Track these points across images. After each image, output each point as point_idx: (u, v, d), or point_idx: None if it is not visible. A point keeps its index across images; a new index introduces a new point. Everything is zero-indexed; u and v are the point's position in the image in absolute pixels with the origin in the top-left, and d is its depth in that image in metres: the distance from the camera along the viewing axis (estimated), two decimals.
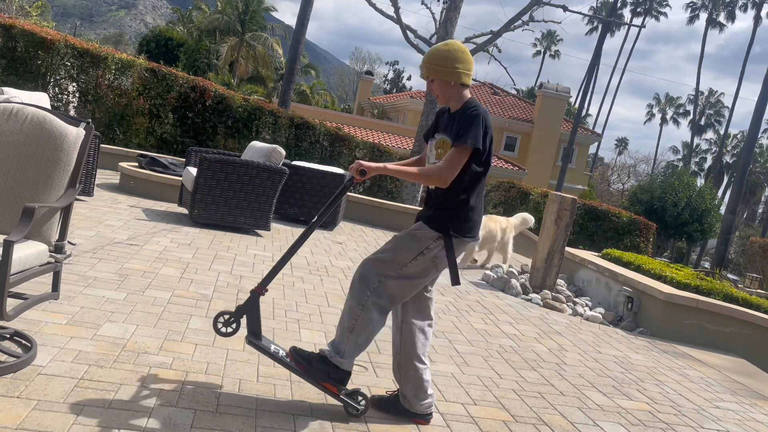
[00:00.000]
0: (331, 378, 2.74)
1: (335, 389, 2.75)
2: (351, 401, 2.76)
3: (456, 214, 2.75)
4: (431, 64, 2.78)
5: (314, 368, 2.75)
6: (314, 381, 2.75)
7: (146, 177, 8.05)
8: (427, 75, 2.81)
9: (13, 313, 2.49)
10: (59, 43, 10.07)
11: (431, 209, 2.80)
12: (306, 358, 2.77)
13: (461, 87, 2.81)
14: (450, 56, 2.77)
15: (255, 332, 2.78)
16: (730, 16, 56.36)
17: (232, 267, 5.12)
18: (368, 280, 2.75)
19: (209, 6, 41.20)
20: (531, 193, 15.10)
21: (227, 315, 2.81)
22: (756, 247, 25.38)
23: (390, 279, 2.74)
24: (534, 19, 13.50)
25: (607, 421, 3.37)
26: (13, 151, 2.76)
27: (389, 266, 2.74)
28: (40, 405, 2.37)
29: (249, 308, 2.77)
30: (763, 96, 25.55)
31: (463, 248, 2.82)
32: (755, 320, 5.85)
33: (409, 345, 2.84)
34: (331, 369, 2.74)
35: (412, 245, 2.74)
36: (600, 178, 52.65)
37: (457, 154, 2.68)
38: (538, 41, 64.37)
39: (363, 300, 2.74)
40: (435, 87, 2.82)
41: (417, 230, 2.77)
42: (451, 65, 2.77)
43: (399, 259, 2.74)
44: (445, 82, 2.78)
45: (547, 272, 6.71)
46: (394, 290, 2.76)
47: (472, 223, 2.78)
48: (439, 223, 2.73)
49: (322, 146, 12.70)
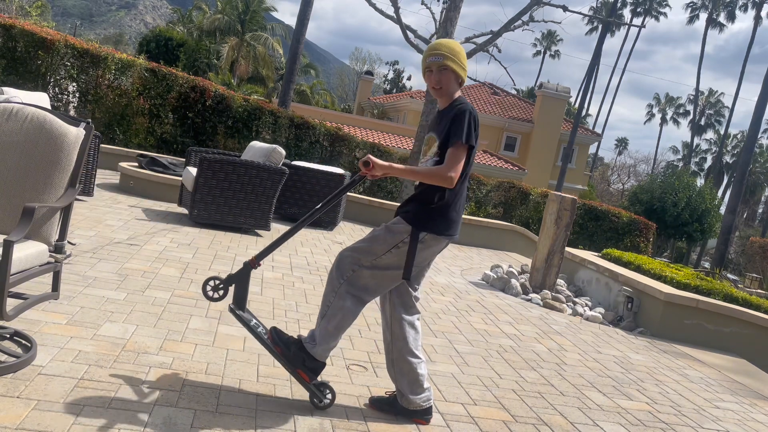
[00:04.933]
0: (306, 366, 2.75)
1: (307, 377, 2.76)
2: (318, 392, 2.77)
3: (434, 211, 2.74)
4: (451, 55, 2.77)
5: (291, 353, 2.76)
6: (288, 365, 2.76)
7: (146, 177, 8.05)
8: (443, 64, 2.76)
9: (13, 313, 2.49)
10: (59, 43, 10.06)
11: (411, 204, 2.80)
12: (285, 342, 2.78)
13: (459, 86, 2.83)
14: (463, 54, 2.83)
15: (240, 302, 2.84)
16: (730, 16, 56.34)
17: (232, 267, 5.12)
18: (343, 269, 2.78)
19: (209, 6, 41.21)
20: (531, 193, 15.10)
21: (217, 281, 2.85)
22: (756, 247, 25.39)
23: (364, 268, 2.76)
24: (534, 19, 13.50)
25: (607, 421, 3.37)
26: (13, 151, 2.76)
27: (364, 256, 2.77)
28: (40, 405, 2.37)
29: (239, 278, 2.82)
30: (763, 96, 25.55)
31: (439, 245, 2.81)
32: (755, 320, 5.85)
33: (400, 340, 2.85)
34: (307, 357, 2.76)
35: (388, 238, 2.75)
36: (600, 178, 52.66)
37: (454, 152, 2.68)
38: (538, 41, 64.38)
39: (336, 287, 2.77)
40: (443, 78, 2.78)
41: (394, 224, 2.78)
42: (463, 62, 2.81)
43: (374, 250, 2.76)
44: (456, 77, 2.80)
45: (547, 272, 6.71)
46: (368, 280, 2.78)
47: (449, 221, 2.77)
48: (416, 218, 2.74)
49: (322, 146, 12.69)
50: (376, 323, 4.31)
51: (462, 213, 2.86)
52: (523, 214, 14.99)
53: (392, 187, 13.11)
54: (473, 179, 14.93)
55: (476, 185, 14.97)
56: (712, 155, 60.67)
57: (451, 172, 2.67)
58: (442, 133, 2.74)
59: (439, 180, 2.69)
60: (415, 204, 2.78)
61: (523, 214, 14.99)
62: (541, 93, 33.64)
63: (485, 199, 15.06)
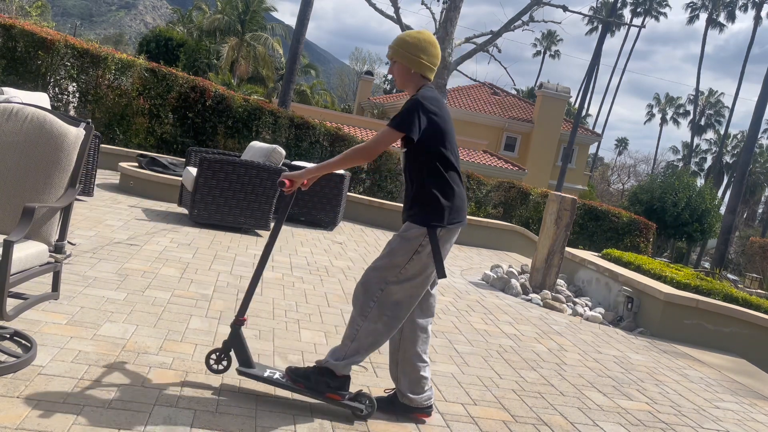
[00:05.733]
0: (332, 387, 2.74)
1: (338, 397, 2.74)
2: (356, 404, 2.76)
3: (434, 206, 2.73)
4: (398, 48, 2.79)
5: (313, 382, 2.75)
6: (317, 395, 2.75)
7: (146, 177, 8.05)
8: (391, 57, 2.82)
9: (13, 313, 2.49)
10: (59, 43, 10.06)
11: (412, 207, 2.79)
12: (303, 375, 2.77)
13: (420, 77, 2.81)
14: (418, 45, 2.78)
15: (245, 362, 2.80)
16: (730, 16, 56.34)
17: (232, 267, 5.12)
18: (371, 290, 2.74)
19: (209, 6, 41.20)
20: (531, 193, 15.10)
21: (216, 353, 2.85)
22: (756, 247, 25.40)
23: (392, 285, 2.73)
24: (534, 19, 13.49)
25: (607, 421, 3.37)
26: (13, 151, 2.76)
27: (389, 272, 2.73)
28: (40, 405, 2.37)
29: (234, 341, 2.81)
30: (763, 96, 25.55)
31: (453, 235, 2.81)
32: (755, 320, 5.85)
33: (409, 342, 2.84)
34: (329, 378, 2.74)
35: (405, 246, 2.73)
36: (600, 178, 52.66)
37: (383, 133, 2.68)
38: (538, 41, 64.39)
39: (366, 312, 2.73)
40: (395, 70, 2.83)
41: (405, 231, 2.76)
42: (415, 53, 2.77)
43: (396, 263, 2.73)
44: (405, 69, 2.80)
45: (547, 272, 6.71)
46: (399, 295, 2.74)
47: (452, 208, 2.75)
48: (423, 218, 2.72)
49: (322, 146, 12.69)
50: None
51: (465, 197, 2.85)
52: (523, 214, 15.00)
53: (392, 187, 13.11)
54: (473, 179, 14.94)
55: (476, 185, 14.97)
56: (712, 155, 60.67)
57: (367, 146, 2.67)
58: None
59: (356, 158, 2.68)
60: (419, 204, 2.76)
61: (523, 214, 15.00)
62: (541, 93, 33.63)
63: (485, 199, 15.06)
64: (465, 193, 2.86)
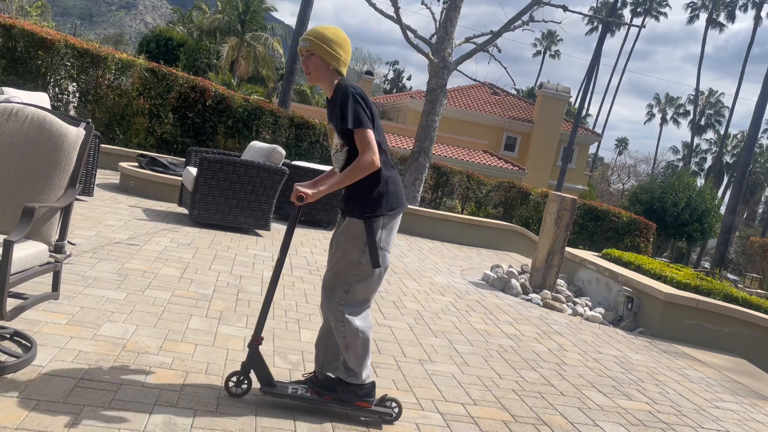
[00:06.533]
0: (359, 396, 2.76)
1: (367, 404, 2.75)
2: (384, 410, 2.77)
3: (370, 196, 2.72)
4: (316, 40, 2.73)
5: (341, 394, 2.75)
6: (346, 405, 2.75)
7: (146, 177, 8.05)
8: (309, 49, 2.74)
9: (13, 313, 2.49)
10: (59, 43, 10.06)
11: (350, 201, 2.77)
12: (328, 387, 2.77)
13: (336, 73, 2.78)
14: (337, 41, 2.75)
15: (267, 382, 2.74)
16: (730, 16, 56.32)
17: (232, 267, 5.12)
18: (336, 296, 2.73)
19: (209, 6, 41.19)
20: (531, 193, 15.11)
21: (236, 376, 2.77)
22: (756, 247, 25.39)
23: (354, 284, 2.73)
24: (534, 19, 13.48)
25: (607, 421, 3.37)
26: (13, 151, 2.76)
27: (348, 272, 2.72)
28: (40, 405, 2.37)
29: (253, 362, 2.75)
30: (763, 96, 25.55)
31: (393, 222, 2.78)
32: (755, 320, 5.85)
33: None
34: (357, 387, 2.76)
35: (355, 243, 2.72)
36: (600, 178, 52.66)
37: (359, 139, 2.66)
38: (538, 41, 64.37)
39: (339, 316, 2.72)
40: (311, 64, 2.75)
41: (348, 227, 2.74)
42: (334, 48, 2.74)
43: (351, 261, 2.71)
44: (324, 63, 2.75)
45: (547, 272, 6.71)
46: (363, 292, 2.75)
47: (388, 195, 2.74)
48: (361, 210, 2.71)
49: (322, 146, 12.69)
50: (376, 323, 4.31)
51: (398, 177, 2.83)
52: (523, 214, 15.00)
53: None
54: (473, 179, 14.94)
55: (476, 185, 14.97)
56: (712, 155, 60.65)
57: (367, 155, 2.64)
58: (337, 122, 2.71)
59: (365, 171, 2.66)
60: (354, 198, 2.75)
61: (523, 214, 15.00)
62: (541, 93, 33.63)
63: (485, 199, 15.07)
64: (398, 176, 2.84)
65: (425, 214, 10.01)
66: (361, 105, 2.66)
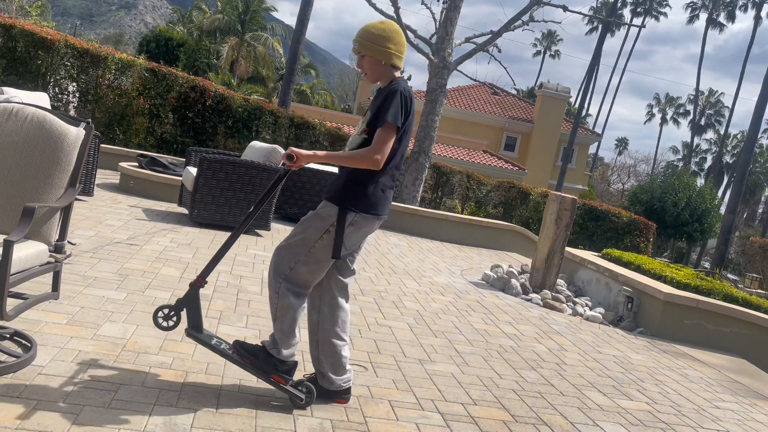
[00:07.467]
0: (279, 370, 2.75)
1: (283, 381, 2.75)
2: (296, 392, 2.76)
3: (359, 189, 2.71)
4: (364, 41, 2.75)
5: (261, 361, 2.75)
6: (262, 374, 2.74)
7: (146, 177, 8.05)
8: (358, 51, 2.78)
9: (13, 313, 2.49)
10: (59, 43, 10.06)
11: (335, 185, 2.77)
12: (251, 352, 2.77)
13: (391, 68, 2.79)
14: (384, 35, 2.75)
15: (196, 325, 2.75)
16: (730, 16, 56.31)
17: (232, 267, 5.12)
18: (280, 269, 2.74)
19: (209, 6, 41.20)
20: (531, 193, 15.11)
21: (167, 309, 2.77)
22: (756, 247, 25.40)
23: (301, 265, 2.73)
24: (534, 19, 13.49)
25: (607, 421, 3.37)
26: (13, 151, 2.76)
27: (299, 249, 2.73)
28: (40, 405, 2.37)
29: (189, 301, 2.75)
30: (763, 96, 25.55)
31: (370, 225, 2.78)
32: (755, 320, 5.85)
33: (327, 322, 2.84)
34: (277, 362, 2.76)
35: (318, 223, 2.73)
36: (600, 178, 52.66)
37: (381, 133, 2.66)
38: (538, 41, 64.35)
39: (276, 288, 2.74)
40: (365, 64, 2.79)
41: (321, 209, 2.76)
42: (383, 44, 2.75)
43: (306, 238, 2.72)
44: (376, 61, 2.76)
45: (547, 272, 6.71)
46: (306, 276, 2.75)
47: (375, 199, 2.74)
48: (341, 198, 2.71)
49: (322, 146, 12.69)
50: (376, 323, 4.31)
51: (391, 193, 2.82)
52: (523, 214, 15.00)
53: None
54: (473, 179, 14.93)
55: (476, 185, 14.97)
56: (712, 155, 60.65)
57: (377, 154, 2.64)
58: (374, 111, 2.71)
59: (365, 163, 2.66)
60: (340, 184, 2.75)
61: (523, 214, 15.00)
62: (541, 93, 33.63)
63: (485, 199, 15.07)
64: (392, 192, 2.84)
65: (425, 214, 10.01)
66: (402, 109, 2.67)
